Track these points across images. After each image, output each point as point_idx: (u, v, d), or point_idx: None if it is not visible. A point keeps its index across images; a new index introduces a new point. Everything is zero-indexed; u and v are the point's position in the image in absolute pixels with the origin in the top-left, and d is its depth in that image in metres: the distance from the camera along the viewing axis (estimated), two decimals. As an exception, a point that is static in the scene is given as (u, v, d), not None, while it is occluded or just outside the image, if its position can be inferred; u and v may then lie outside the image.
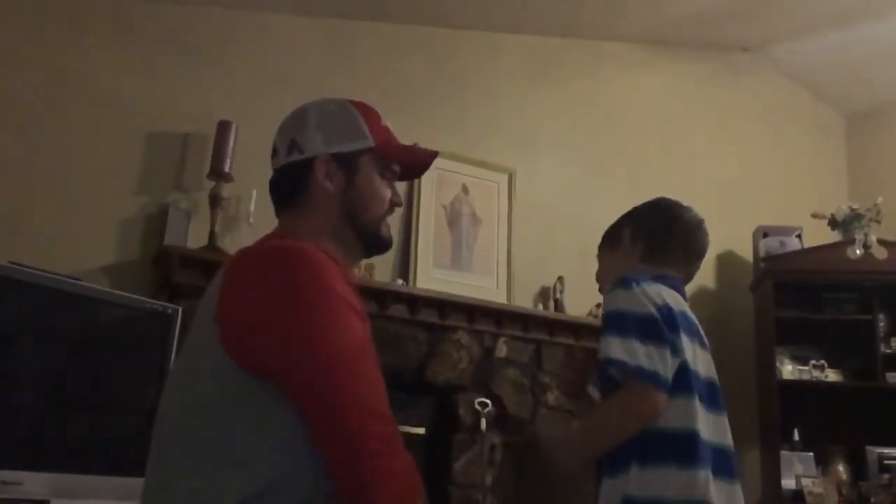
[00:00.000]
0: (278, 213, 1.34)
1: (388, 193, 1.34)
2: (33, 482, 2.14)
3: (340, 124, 1.32)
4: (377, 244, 1.35)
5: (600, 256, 1.79)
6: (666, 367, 1.42)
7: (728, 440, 1.52)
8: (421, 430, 3.64)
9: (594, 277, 1.81)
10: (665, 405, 1.41)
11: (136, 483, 1.22)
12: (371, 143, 1.32)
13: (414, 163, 1.41)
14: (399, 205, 1.38)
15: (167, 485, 1.12)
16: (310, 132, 1.31)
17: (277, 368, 1.09)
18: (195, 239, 3.24)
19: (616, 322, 1.48)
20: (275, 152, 1.34)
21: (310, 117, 1.33)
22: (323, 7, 3.82)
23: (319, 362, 1.08)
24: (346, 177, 1.30)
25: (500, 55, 4.31)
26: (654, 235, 1.70)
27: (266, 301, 1.12)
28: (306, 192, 1.30)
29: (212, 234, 3.24)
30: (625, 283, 1.53)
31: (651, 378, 1.40)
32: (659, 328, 1.45)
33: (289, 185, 1.32)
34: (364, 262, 3.43)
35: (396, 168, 1.37)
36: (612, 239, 1.76)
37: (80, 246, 3.10)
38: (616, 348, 1.43)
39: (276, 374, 1.09)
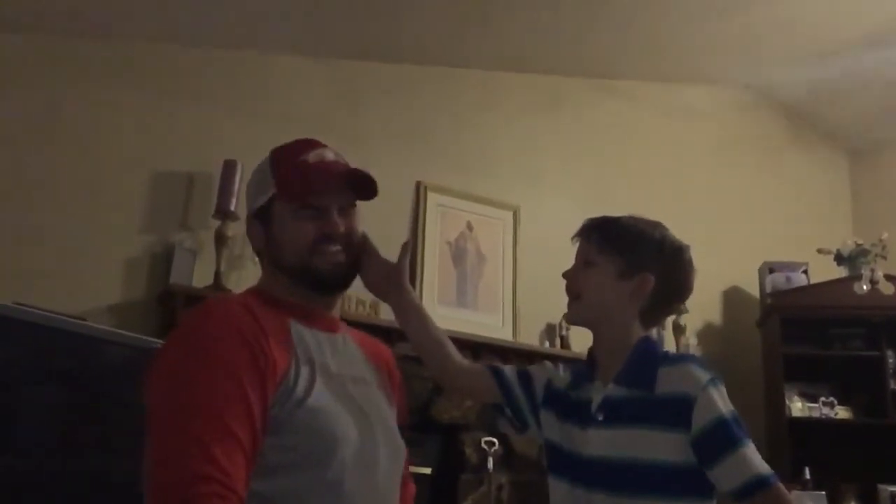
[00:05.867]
0: None
1: (306, 228, 1.29)
2: (35, 525, 2.12)
3: (255, 180, 1.37)
4: (312, 277, 1.30)
5: (600, 269, 1.49)
6: None
7: None
8: (427, 470, 3.59)
9: (566, 277, 1.58)
10: None
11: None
12: (274, 188, 1.32)
13: (319, 187, 1.31)
14: (334, 231, 1.31)
15: None
16: (249, 196, 1.39)
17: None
18: (201, 278, 3.24)
19: (741, 429, 1.37)
20: None
21: (250, 180, 1.40)
22: (327, 47, 3.87)
23: (157, 414, 1.12)
24: (265, 229, 1.34)
25: (503, 93, 4.35)
26: (668, 299, 1.49)
27: (161, 351, 1.20)
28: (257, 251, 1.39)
29: (217, 274, 3.24)
30: (713, 378, 1.38)
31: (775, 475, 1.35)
32: None
33: None
34: (370, 299, 3.42)
35: (313, 202, 1.31)
36: (631, 264, 1.45)
37: (86, 285, 3.09)
38: (758, 461, 1.35)
39: None
